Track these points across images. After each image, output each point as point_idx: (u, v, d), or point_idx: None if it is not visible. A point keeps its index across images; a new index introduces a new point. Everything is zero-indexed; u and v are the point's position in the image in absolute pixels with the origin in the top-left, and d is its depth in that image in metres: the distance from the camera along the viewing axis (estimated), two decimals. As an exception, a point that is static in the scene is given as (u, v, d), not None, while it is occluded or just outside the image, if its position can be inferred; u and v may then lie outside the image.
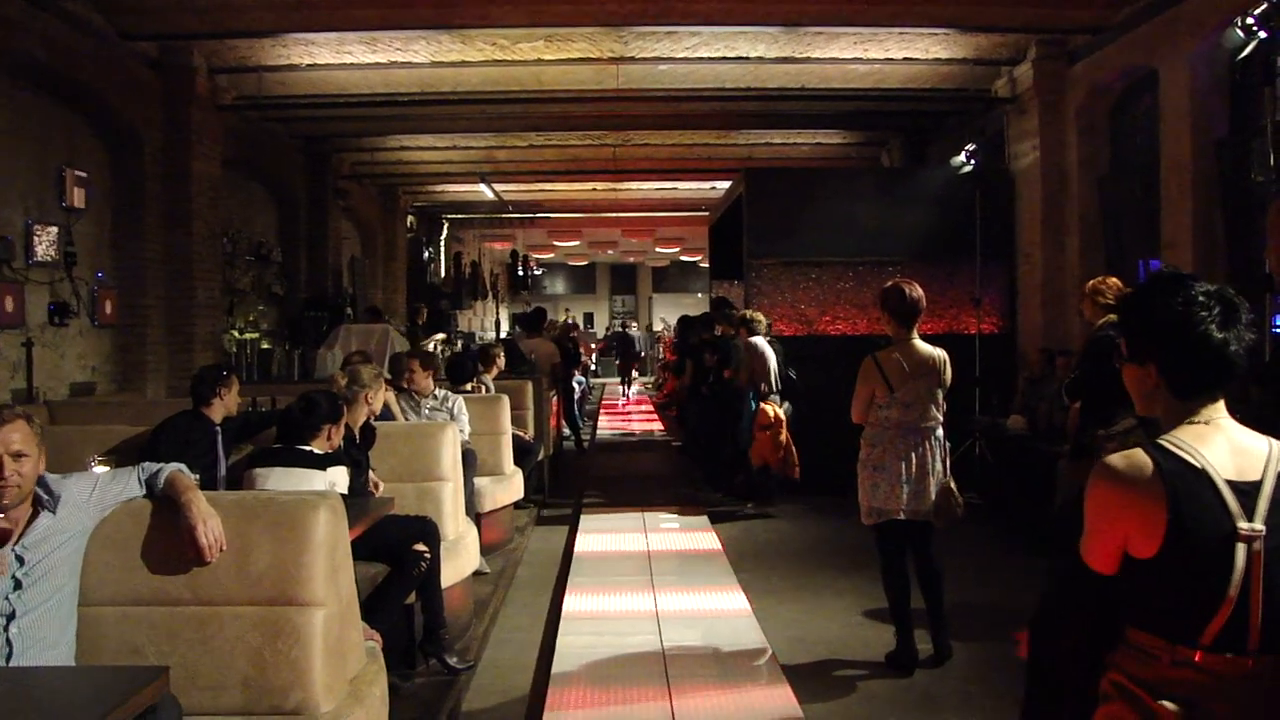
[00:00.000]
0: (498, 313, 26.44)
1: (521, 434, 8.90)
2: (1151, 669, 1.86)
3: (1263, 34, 6.58)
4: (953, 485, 4.98)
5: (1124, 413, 5.52)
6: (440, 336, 13.97)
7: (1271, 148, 6.84)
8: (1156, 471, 1.86)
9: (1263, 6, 6.48)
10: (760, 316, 8.86)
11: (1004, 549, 7.48)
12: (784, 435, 8.36)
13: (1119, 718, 1.91)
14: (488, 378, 8.98)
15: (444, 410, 7.05)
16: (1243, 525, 1.80)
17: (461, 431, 7.01)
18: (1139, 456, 1.88)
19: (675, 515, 8.69)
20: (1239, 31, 6.66)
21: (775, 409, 8.38)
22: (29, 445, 2.86)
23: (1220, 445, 1.89)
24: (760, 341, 8.62)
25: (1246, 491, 1.83)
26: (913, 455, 4.89)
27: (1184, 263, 7.79)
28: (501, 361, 9.41)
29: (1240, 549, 1.79)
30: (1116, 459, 1.91)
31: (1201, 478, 1.84)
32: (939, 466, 4.95)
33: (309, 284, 14.07)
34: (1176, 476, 1.85)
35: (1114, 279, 5.70)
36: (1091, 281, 5.73)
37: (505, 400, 7.90)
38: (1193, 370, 1.94)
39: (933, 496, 4.90)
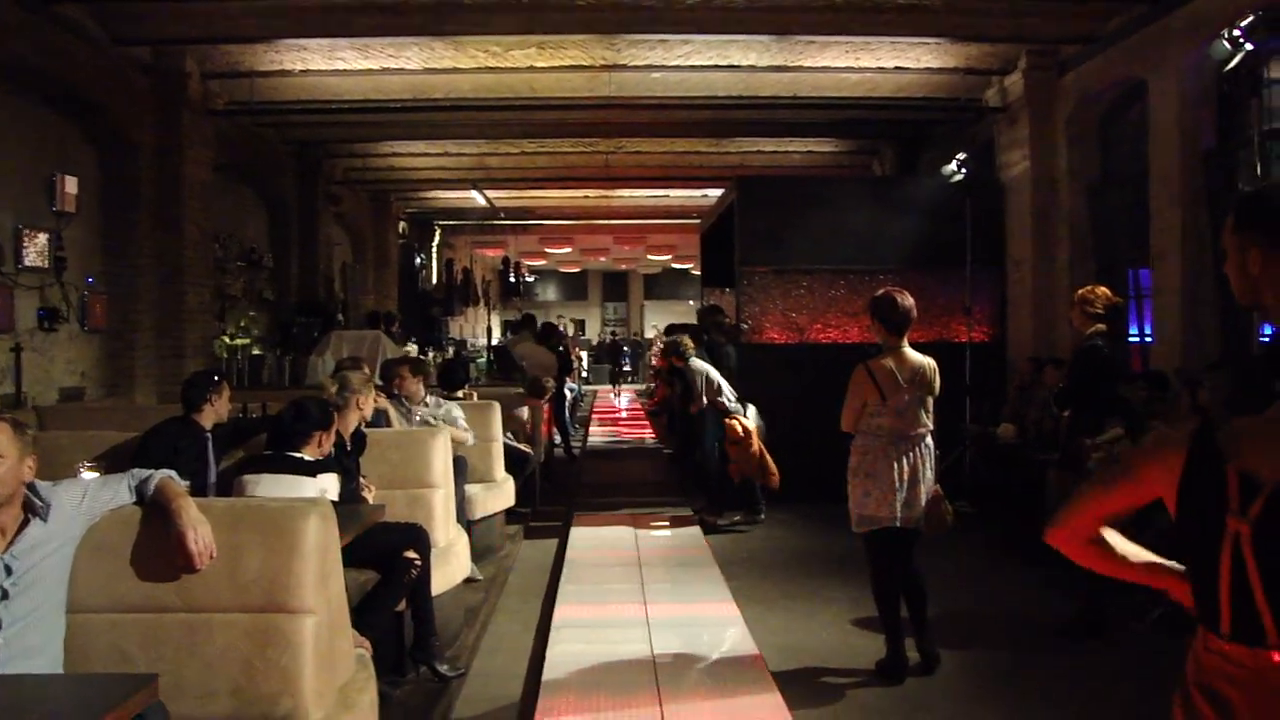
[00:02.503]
0: (489, 319, 26.44)
1: (521, 446, 8.89)
2: (1198, 657, 1.87)
3: (1250, 46, 6.63)
4: (941, 493, 5.00)
5: (1112, 422, 5.58)
6: (411, 350, 12.99)
7: (1258, 158, 6.89)
8: (1184, 445, 1.86)
9: (1250, 19, 6.53)
10: (687, 341, 8.82)
11: (994, 557, 7.50)
12: (755, 446, 8.30)
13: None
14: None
15: (438, 417, 7.03)
16: (1231, 518, 1.79)
17: (468, 431, 7.04)
18: (1181, 430, 1.89)
19: (666, 523, 8.68)
20: (1226, 43, 6.70)
21: (741, 422, 8.31)
22: (7, 448, 2.81)
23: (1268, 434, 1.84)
24: (696, 364, 8.62)
25: (1256, 484, 1.81)
26: (904, 462, 4.89)
27: (1172, 273, 7.83)
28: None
29: (1227, 538, 1.79)
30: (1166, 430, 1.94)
31: (1214, 460, 1.84)
32: (929, 474, 4.97)
33: (300, 290, 14.05)
34: (1195, 454, 1.85)
35: (1103, 288, 5.74)
36: (1081, 290, 5.77)
37: (496, 407, 7.89)
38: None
39: (923, 504, 4.92)
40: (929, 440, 5.01)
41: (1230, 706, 1.78)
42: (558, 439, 12.89)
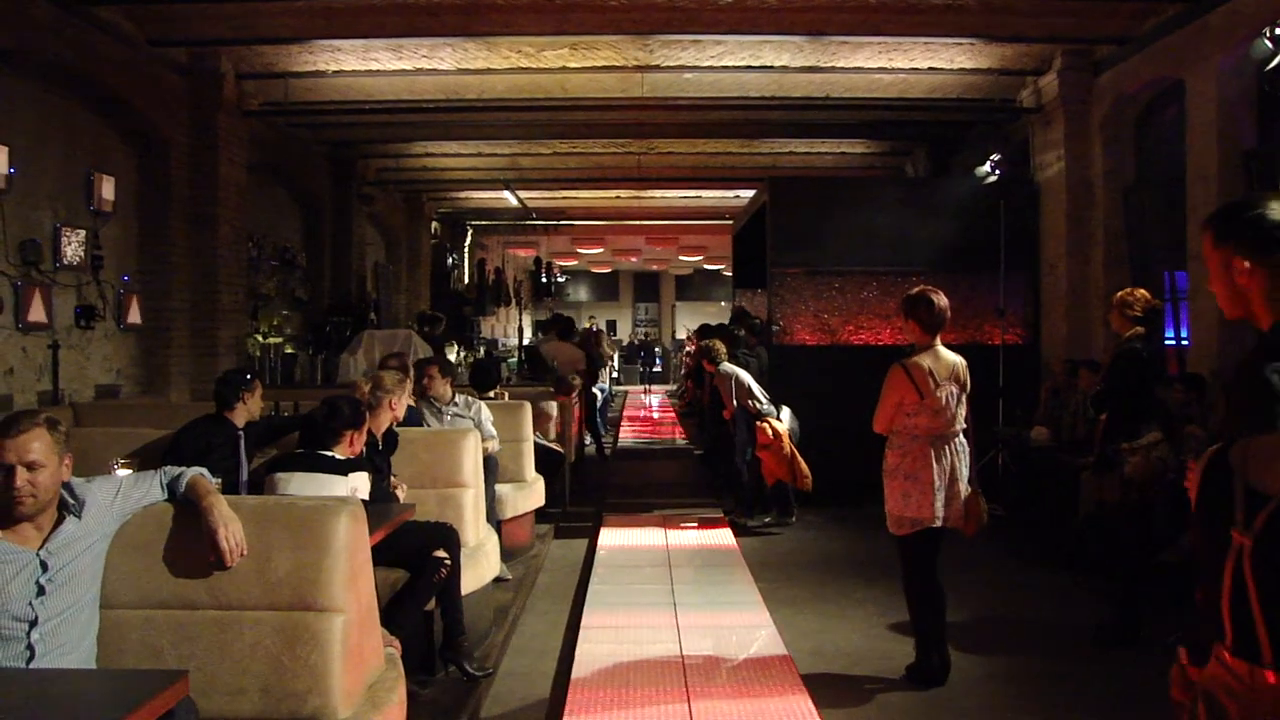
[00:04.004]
0: (521, 319, 26.53)
1: (553, 446, 8.89)
2: (1211, 665, 1.86)
3: (1292, 45, 6.52)
4: (978, 489, 4.97)
5: (1149, 426, 5.51)
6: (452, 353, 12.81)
7: (1300, 159, 6.78)
8: (1205, 461, 1.87)
9: (1292, 17, 6.42)
10: (720, 345, 8.82)
11: (1027, 561, 7.41)
12: (787, 448, 8.25)
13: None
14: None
15: (468, 417, 7.04)
16: (1235, 531, 1.78)
17: (493, 438, 6.99)
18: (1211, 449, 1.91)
19: (696, 524, 8.67)
20: (1267, 42, 6.60)
21: (772, 425, 8.27)
22: (48, 455, 2.83)
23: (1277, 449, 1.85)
24: (728, 368, 8.62)
25: (1262, 499, 1.81)
26: (943, 462, 4.85)
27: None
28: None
29: (1231, 553, 1.78)
30: None
31: (1226, 475, 1.82)
32: (965, 471, 4.92)
33: (333, 289, 14.15)
34: (1211, 470, 1.85)
35: (1142, 290, 5.67)
36: (1119, 293, 5.70)
37: (527, 407, 7.89)
38: None
39: (961, 501, 4.87)
40: (963, 438, 4.97)
41: (1226, 719, 1.79)
42: (588, 439, 12.91)
